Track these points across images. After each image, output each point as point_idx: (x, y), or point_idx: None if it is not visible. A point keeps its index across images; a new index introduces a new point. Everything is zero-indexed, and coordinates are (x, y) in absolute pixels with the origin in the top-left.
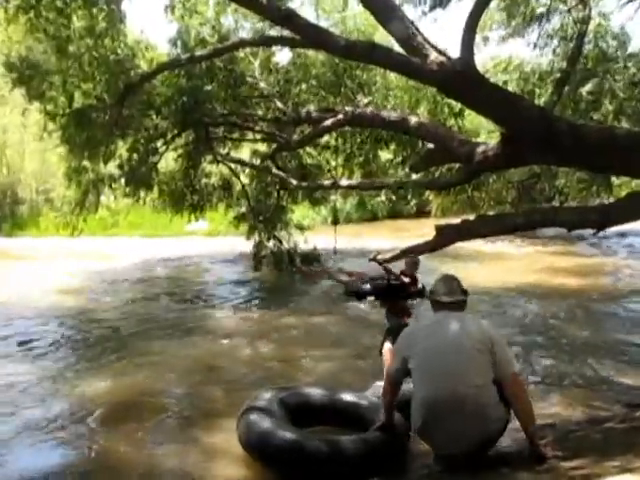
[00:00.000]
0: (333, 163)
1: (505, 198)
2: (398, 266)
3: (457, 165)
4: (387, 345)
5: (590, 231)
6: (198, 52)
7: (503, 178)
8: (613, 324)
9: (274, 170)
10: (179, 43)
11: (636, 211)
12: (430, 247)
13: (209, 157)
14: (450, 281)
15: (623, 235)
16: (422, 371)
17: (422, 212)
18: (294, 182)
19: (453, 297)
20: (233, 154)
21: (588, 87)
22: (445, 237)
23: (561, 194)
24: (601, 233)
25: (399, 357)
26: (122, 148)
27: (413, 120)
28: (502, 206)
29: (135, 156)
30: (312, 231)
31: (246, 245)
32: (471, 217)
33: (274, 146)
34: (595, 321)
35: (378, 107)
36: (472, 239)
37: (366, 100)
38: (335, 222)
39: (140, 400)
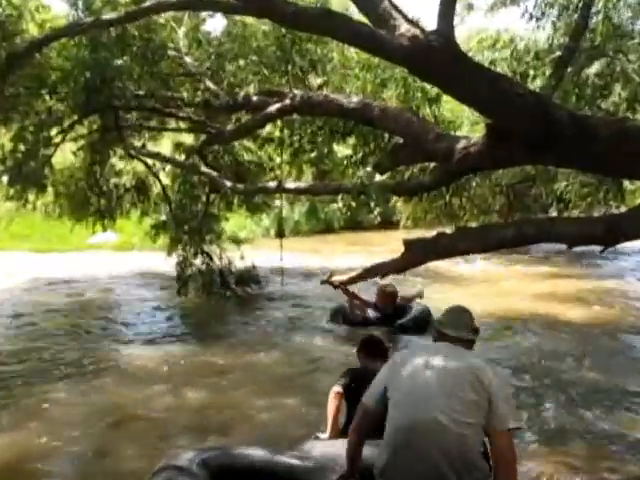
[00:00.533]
0: (277, 160)
1: (491, 206)
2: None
3: (432, 165)
4: (335, 388)
5: (597, 248)
6: (105, 15)
7: (489, 181)
8: (625, 365)
9: (203, 168)
10: (80, 3)
11: None
12: (397, 267)
13: (120, 150)
14: (461, 314)
15: None
16: (402, 394)
17: (388, 223)
18: (228, 183)
19: (460, 333)
20: (150, 147)
21: (595, 68)
22: (416, 254)
23: (560, 201)
24: (612, 250)
25: (379, 386)
26: (4, 137)
27: (377, 107)
28: (488, 216)
29: (22, 147)
30: (251, 245)
31: (167, 262)
32: (449, 230)
33: (203, 138)
34: (604, 361)
35: (334, 90)
36: (450, 257)
37: (319, 81)
38: (280, 234)
39: (24, 466)
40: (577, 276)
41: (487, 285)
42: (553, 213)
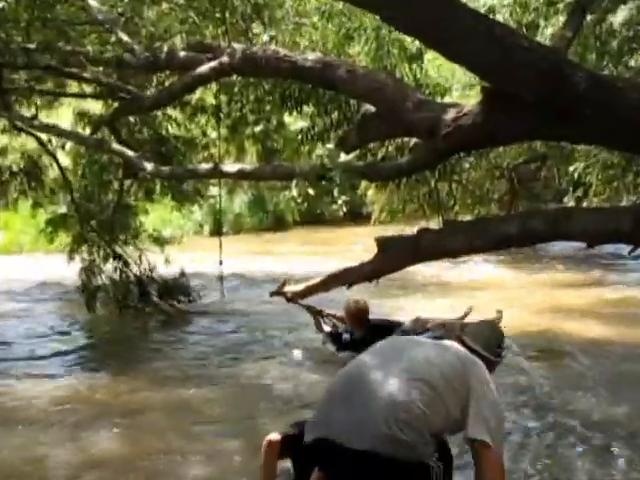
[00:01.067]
0: (213, 135)
1: (490, 194)
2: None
3: (412, 141)
4: (271, 435)
5: (625, 247)
6: None
7: (487, 162)
8: None
9: (115, 145)
10: None
11: None
12: (368, 273)
13: (3, 122)
14: (488, 329)
15: None
16: (368, 355)
17: (357, 216)
18: (148, 166)
19: (478, 347)
20: (45, 118)
21: (622, 16)
22: (392, 256)
23: (578, 187)
24: None
25: None
26: None
27: (342, 67)
28: (485, 207)
29: None
30: (179, 246)
31: (69, 269)
32: (434, 225)
33: (115, 106)
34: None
35: (286, 45)
36: (435, 259)
37: (266, 35)
38: (218, 232)
39: None
40: (599, 284)
41: (486, 296)
42: (569, 203)
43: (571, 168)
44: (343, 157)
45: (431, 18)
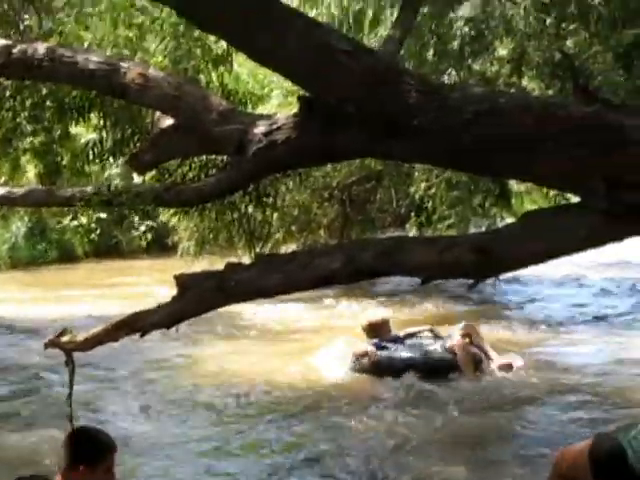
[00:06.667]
0: None
1: (318, 219)
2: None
3: (219, 159)
4: None
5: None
6: None
7: (313, 181)
8: None
9: None
10: None
11: (534, 244)
12: (165, 318)
13: None
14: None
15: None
16: None
17: (163, 246)
18: None
19: None
20: None
21: (465, 11)
22: (194, 297)
23: (421, 211)
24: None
25: None
26: None
27: (132, 71)
28: (313, 235)
29: None
30: None
31: None
32: (245, 259)
33: None
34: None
35: (66, 42)
36: (247, 299)
37: (40, 28)
38: None
39: None
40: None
41: (315, 341)
42: (411, 230)
43: (412, 189)
44: (136, 179)
45: (231, 15)
